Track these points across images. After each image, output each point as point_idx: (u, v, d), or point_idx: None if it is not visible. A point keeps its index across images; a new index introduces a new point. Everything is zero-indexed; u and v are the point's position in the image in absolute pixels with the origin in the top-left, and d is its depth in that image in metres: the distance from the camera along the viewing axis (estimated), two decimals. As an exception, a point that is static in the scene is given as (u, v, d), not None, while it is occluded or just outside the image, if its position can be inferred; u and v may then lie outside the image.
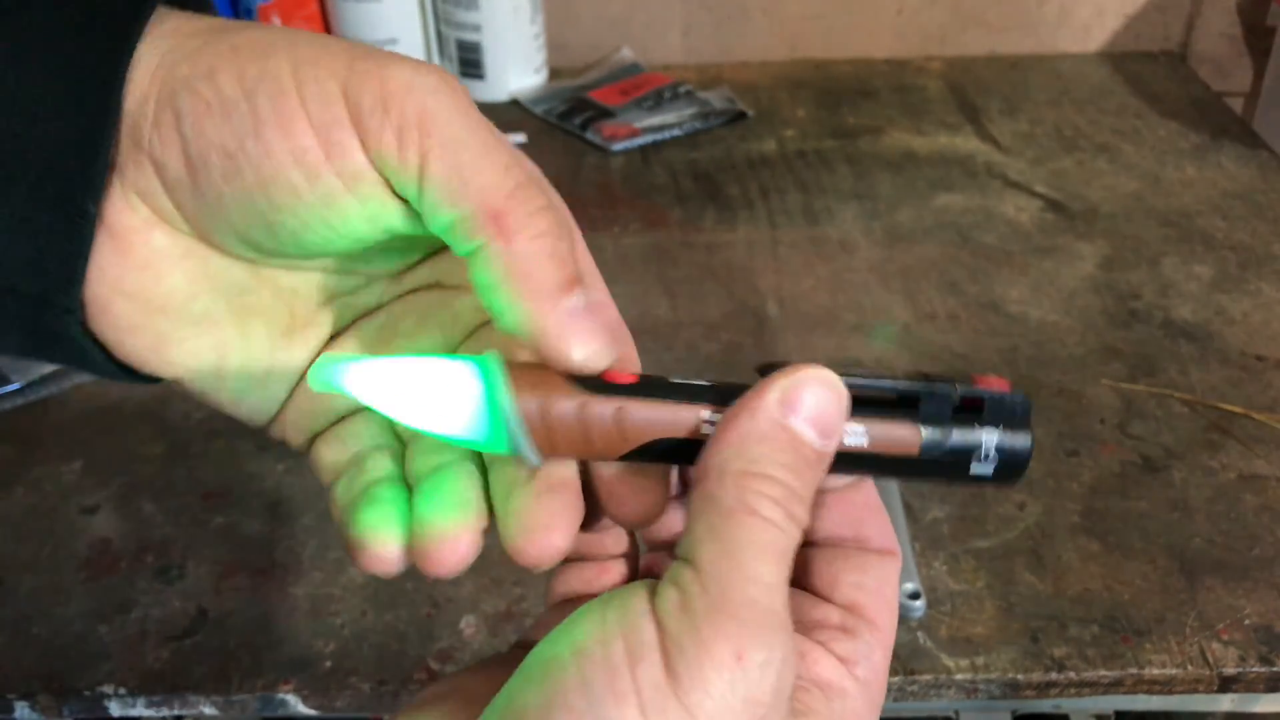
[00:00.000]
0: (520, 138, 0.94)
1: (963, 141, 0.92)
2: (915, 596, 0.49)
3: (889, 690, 0.48)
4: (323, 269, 0.28)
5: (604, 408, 0.24)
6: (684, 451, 0.24)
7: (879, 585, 0.26)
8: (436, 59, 1.01)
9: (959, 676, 0.48)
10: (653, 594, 0.22)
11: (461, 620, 0.51)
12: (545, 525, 0.25)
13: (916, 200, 0.84)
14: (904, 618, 0.50)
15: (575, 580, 0.29)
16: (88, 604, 0.52)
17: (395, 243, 0.27)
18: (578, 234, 0.27)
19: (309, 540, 0.56)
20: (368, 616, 0.51)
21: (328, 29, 0.99)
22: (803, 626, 0.25)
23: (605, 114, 0.96)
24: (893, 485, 0.55)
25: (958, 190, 0.85)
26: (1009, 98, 0.99)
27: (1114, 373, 0.66)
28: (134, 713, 0.49)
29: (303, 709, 0.49)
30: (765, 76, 1.05)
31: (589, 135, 0.93)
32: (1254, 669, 0.48)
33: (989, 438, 0.25)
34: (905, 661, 0.48)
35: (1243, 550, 0.54)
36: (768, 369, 0.24)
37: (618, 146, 0.92)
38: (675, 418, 0.24)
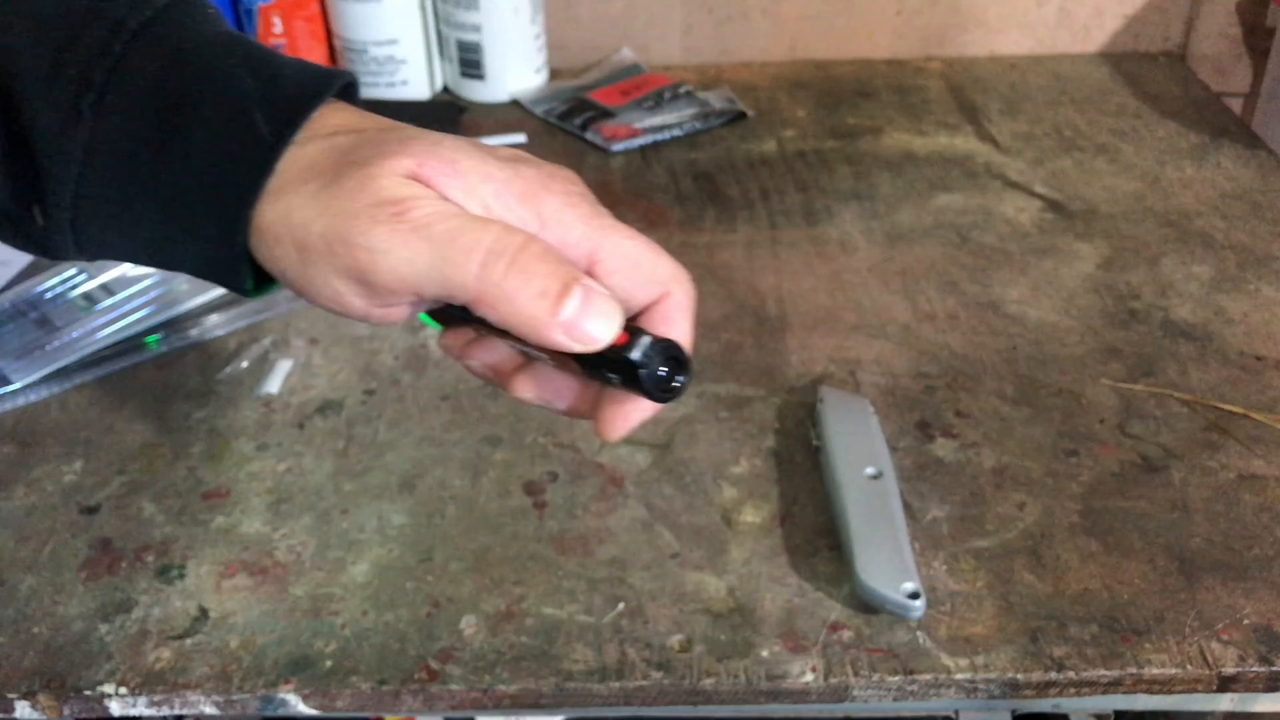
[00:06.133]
0: (520, 138, 0.94)
1: (962, 142, 0.92)
2: (915, 596, 0.49)
3: (889, 690, 0.48)
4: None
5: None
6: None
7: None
8: (437, 59, 1.02)
9: (959, 676, 0.48)
10: None
11: (462, 620, 0.51)
12: None
13: (916, 200, 0.84)
14: (904, 618, 0.50)
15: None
16: (88, 603, 0.52)
17: None
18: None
19: (309, 540, 0.56)
20: (368, 616, 0.51)
21: (328, 29, 0.99)
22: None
23: (605, 114, 0.96)
24: (893, 487, 0.55)
25: (957, 190, 0.85)
26: (1008, 98, 0.99)
27: (1113, 373, 0.66)
28: (134, 712, 0.49)
29: (303, 709, 0.49)
30: (765, 77, 1.05)
31: (589, 135, 0.93)
32: (1253, 669, 0.48)
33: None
34: (905, 661, 0.49)
35: (1242, 550, 0.54)
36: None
37: (618, 147, 0.92)
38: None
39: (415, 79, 1.00)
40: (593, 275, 0.35)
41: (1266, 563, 0.53)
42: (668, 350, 0.35)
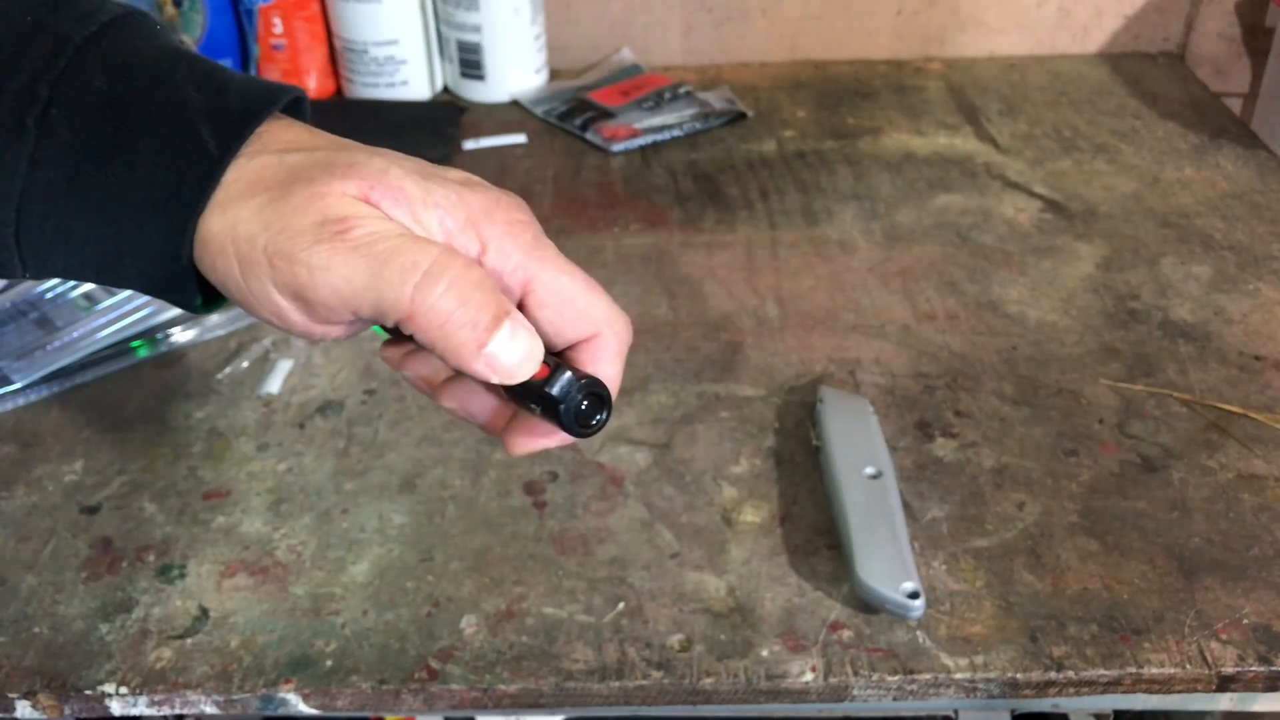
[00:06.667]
0: (520, 138, 0.94)
1: (962, 142, 0.92)
2: (915, 596, 0.50)
3: (889, 690, 0.48)
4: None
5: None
6: None
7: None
8: (437, 59, 1.02)
9: (958, 676, 0.48)
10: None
11: (462, 620, 0.51)
12: None
13: (916, 201, 0.84)
14: (903, 617, 0.50)
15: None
16: (89, 603, 0.52)
17: None
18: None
19: (309, 540, 0.56)
20: (368, 616, 0.51)
21: (328, 29, 0.99)
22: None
23: (605, 115, 0.96)
24: (893, 487, 0.55)
25: (957, 191, 0.85)
26: (1008, 98, 0.99)
27: (1113, 373, 0.66)
28: (135, 712, 0.49)
29: (303, 708, 0.49)
30: (765, 77, 1.05)
31: (589, 136, 0.94)
32: (1252, 668, 0.48)
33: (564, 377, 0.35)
34: (905, 661, 0.49)
35: (1241, 550, 0.54)
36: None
37: (618, 147, 0.92)
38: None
39: (415, 79, 1.00)
40: (524, 305, 0.36)
41: (1266, 563, 0.53)
42: (589, 387, 0.35)
